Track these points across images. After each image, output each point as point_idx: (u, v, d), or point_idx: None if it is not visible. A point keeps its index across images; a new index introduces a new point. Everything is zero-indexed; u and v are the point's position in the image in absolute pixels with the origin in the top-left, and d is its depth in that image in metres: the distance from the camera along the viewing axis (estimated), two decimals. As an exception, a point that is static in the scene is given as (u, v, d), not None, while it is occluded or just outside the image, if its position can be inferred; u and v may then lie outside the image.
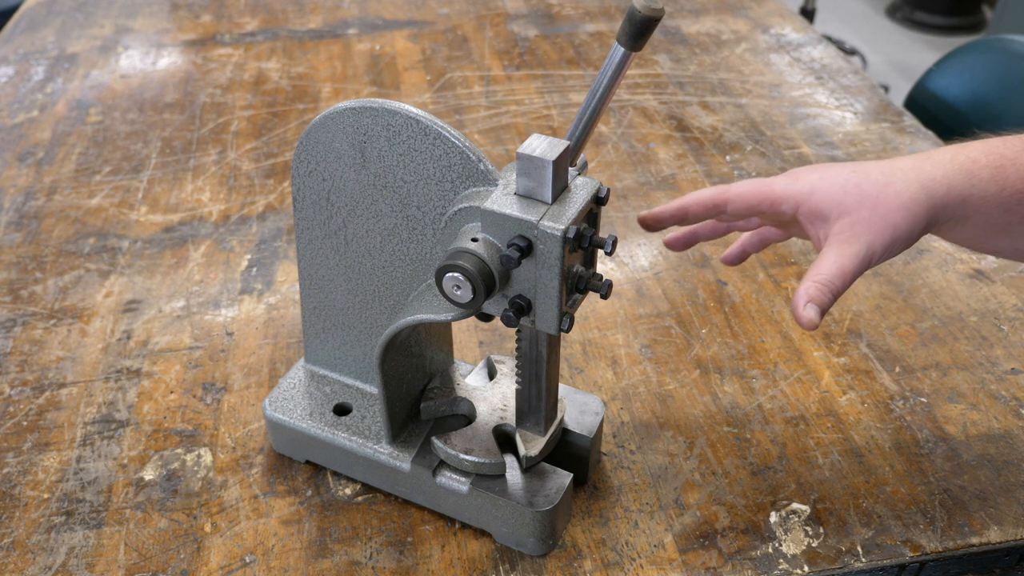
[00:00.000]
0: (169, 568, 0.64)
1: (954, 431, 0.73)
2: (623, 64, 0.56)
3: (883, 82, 3.03)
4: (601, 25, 1.42)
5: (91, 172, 1.08)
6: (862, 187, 0.59)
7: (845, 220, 0.59)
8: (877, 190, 0.58)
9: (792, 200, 0.61)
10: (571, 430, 0.67)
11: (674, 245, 0.71)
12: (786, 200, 0.61)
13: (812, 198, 0.60)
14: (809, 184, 0.61)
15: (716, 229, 0.71)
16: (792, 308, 0.58)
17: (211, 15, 1.47)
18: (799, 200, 0.61)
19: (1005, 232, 0.60)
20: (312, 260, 0.66)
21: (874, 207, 0.58)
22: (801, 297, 0.57)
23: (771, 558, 0.64)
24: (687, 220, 0.65)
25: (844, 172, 0.60)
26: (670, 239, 0.71)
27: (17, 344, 0.83)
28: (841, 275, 0.57)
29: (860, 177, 0.59)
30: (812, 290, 0.57)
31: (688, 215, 0.65)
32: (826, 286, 0.57)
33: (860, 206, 0.58)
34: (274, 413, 0.69)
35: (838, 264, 0.58)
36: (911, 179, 0.59)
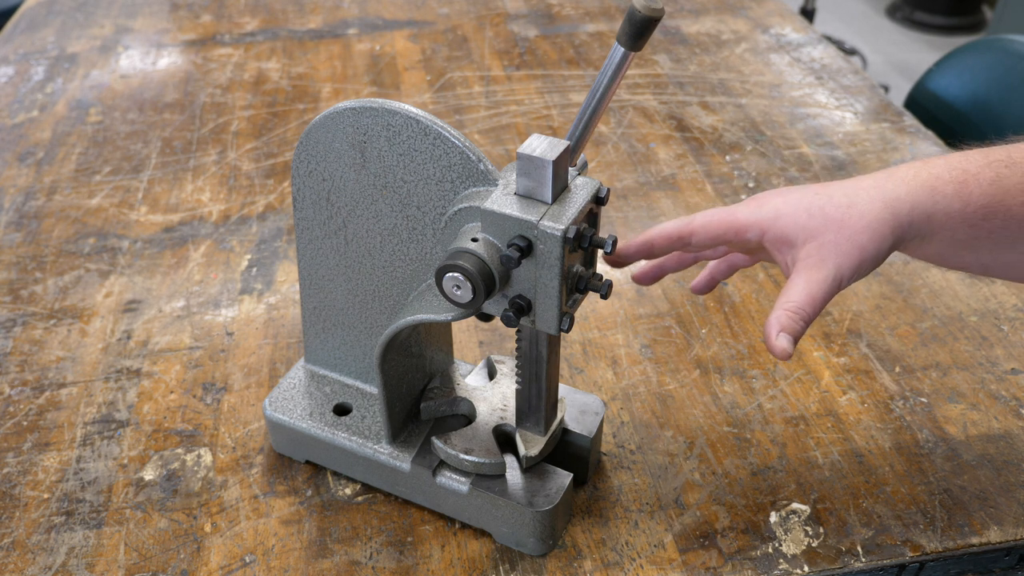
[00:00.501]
0: (169, 568, 0.64)
1: (954, 431, 0.73)
2: (623, 64, 0.56)
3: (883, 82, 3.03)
4: (601, 25, 1.42)
5: (91, 172, 1.08)
6: (826, 210, 0.58)
7: (811, 244, 0.58)
8: (841, 212, 0.58)
9: (757, 227, 0.61)
10: (571, 430, 0.67)
11: (642, 279, 0.70)
12: (751, 228, 0.61)
13: (776, 224, 0.60)
14: (773, 209, 0.60)
15: (683, 260, 0.70)
16: (764, 338, 0.57)
17: (211, 15, 1.47)
18: (764, 227, 0.60)
19: (971, 247, 0.60)
20: (312, 260, 0.66)
21: (839, 229, 0.58)
22: (773, 327, 0.57)
23: (771, 558, 0.64)
24: (653, 254, 0.65)
25: (807, 195, 0.60)
26: (637, 274, 0.69)
27: (17, 344, 0.83)
28: (811, 301, 0.57)
29: (823, 200, 0.59)
30: (784, 319, 0.57)
31: (654, 249, 0.64)
32: (797, 313, 0.57)
33: (825, 229, 0.58)
34: (274, 413, 0.69)
35: (807, 290, 0.57)
36: (875, 198, 0.58)
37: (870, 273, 0.60)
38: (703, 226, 0.62)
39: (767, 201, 0.61)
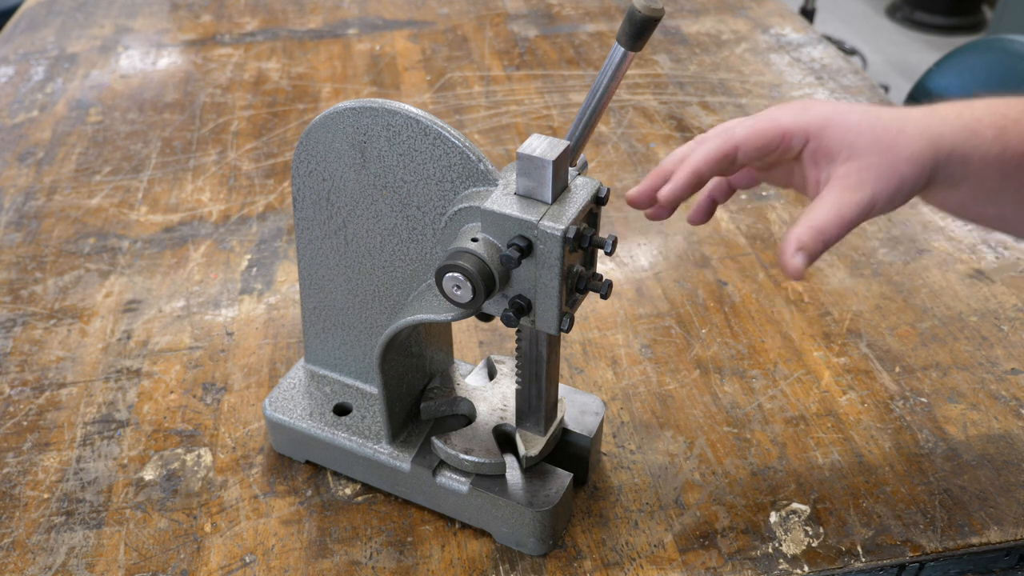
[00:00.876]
0: (169, 568, 0.64)
1: (954, 431, 0.73)
2: (623, 64, 0.56)
3: (883, 82, 3.04)
4: (601, 25, 1.42)
5: (91, 172, 1.08)
6: (876, 130, 0.54)
7: (853, 163, 0.54)
8: (890, 137, 0.54)
9: (803, 134, 0.56)
10: (571, 430, 0.67)
11: (699, 218, 0.64)
12: (796, 134, 0.56)
13: (823, 133, 0.55)
14: (822, 118, 0.56)
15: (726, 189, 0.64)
16: (778, 253, 0.54)
17: (211, 15, 1.47)
18: (810, 134, 0.56)
19: (996, 198, 0.57)
20: (312, 260, 0.66)
21: (885, 153, 0.54)
22: (791, 243, 0.53)
23: (771, 558, 0.64)
24: (701, 183, 0.58)
25: (856, 111, 0.56)
26: (693, 215, 0.65)
27: (17, 344, 0.83)
28: (839, 223, 0.53)
29: (873, 119, 0.55)
30: (805, 236, 0.53)
31: (702, 177, 0.58)
32: (821, 233, 0.53)
33: (871, 150, 0.54)
34: (274, 413, 0.69)
35: (837, 211, 0.53)
36: (922, 131, 0.55)
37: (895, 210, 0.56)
38: (747, 138, 0.57)
39: (812, 108, 0.57)
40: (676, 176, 0.58)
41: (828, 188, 0.55)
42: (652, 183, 0.61)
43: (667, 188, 0.59)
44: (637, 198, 0.61)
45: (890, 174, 0.54)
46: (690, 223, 0.67)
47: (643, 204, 0.62)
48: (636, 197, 0.61)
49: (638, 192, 0.61)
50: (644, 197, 0.61)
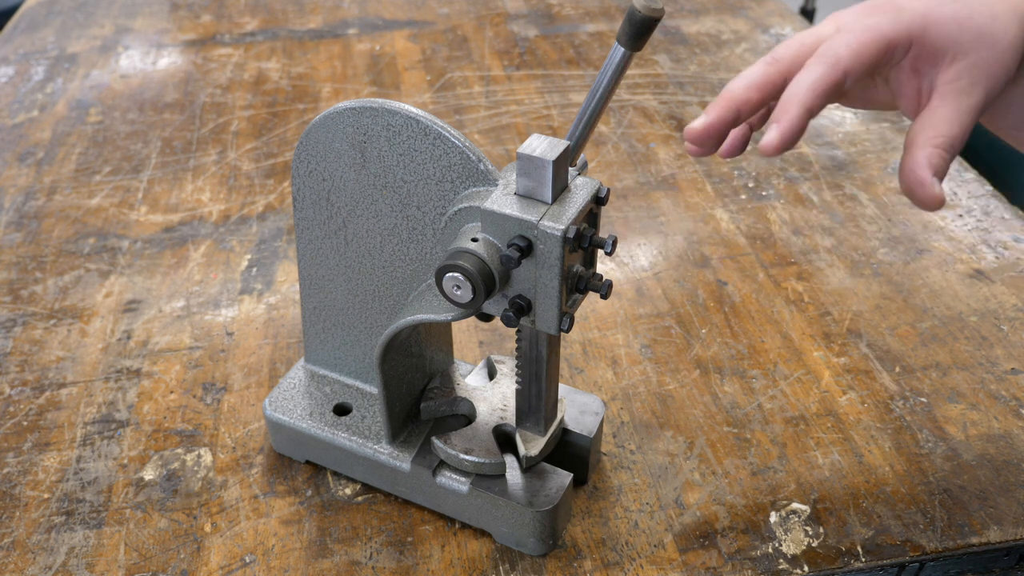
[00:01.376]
0: (169, 568, 0.64)
1: (954, 431, 0.73)
2: (623, 64, 0.56)
3: (883, 82, 3.03)
4: (601, 25, 1.42)
5: (91, 172, 1.08)
6: (976, 20, 0.49)
7: (962, 63, 0.49)
8: (989, 24, 0.49)
9: (906, 40, 0.50)
10: (571, 430, 0.67)
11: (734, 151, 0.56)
12: (901, 42, 0.50)
13: (927, 34, 0.50)
14: (920, 16, 0.50)
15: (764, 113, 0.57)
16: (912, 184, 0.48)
17: (211, 15, 1.47)
18: (912, 37, 0.50)
19: None
20: (312, 260, 0.66)
21: (991, 47, 0.49)
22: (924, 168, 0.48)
23: (771, 558, 0.64)
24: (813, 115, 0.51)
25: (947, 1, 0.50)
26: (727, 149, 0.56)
27: (17, 344, 0.83)
28: (963, 133, 0.48)
29: (967, 8, 0.50)
30: (935, 157, 0.48)
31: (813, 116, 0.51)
32: (949, 149, 0.48)
33: (978, 45, 0.49)
34: (274, 413, 0.69)
35: (959, 120, 0.48)
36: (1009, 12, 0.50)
37: None
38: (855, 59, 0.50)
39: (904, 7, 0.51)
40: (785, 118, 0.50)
41: (939, 96, 0.50)
42: (721, 114, 0.52)
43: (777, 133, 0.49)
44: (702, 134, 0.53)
45: (999, 68, 0.49)
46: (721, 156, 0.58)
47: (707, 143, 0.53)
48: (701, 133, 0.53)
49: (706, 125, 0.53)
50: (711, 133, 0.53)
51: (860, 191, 1.02)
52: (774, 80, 0.52)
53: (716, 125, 0.52)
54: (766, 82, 0.52)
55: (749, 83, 0.52)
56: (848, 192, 1.01)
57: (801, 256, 0.92)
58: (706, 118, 0.52)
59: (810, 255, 0.92)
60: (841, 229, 0.96)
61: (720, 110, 0.52)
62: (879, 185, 1.03)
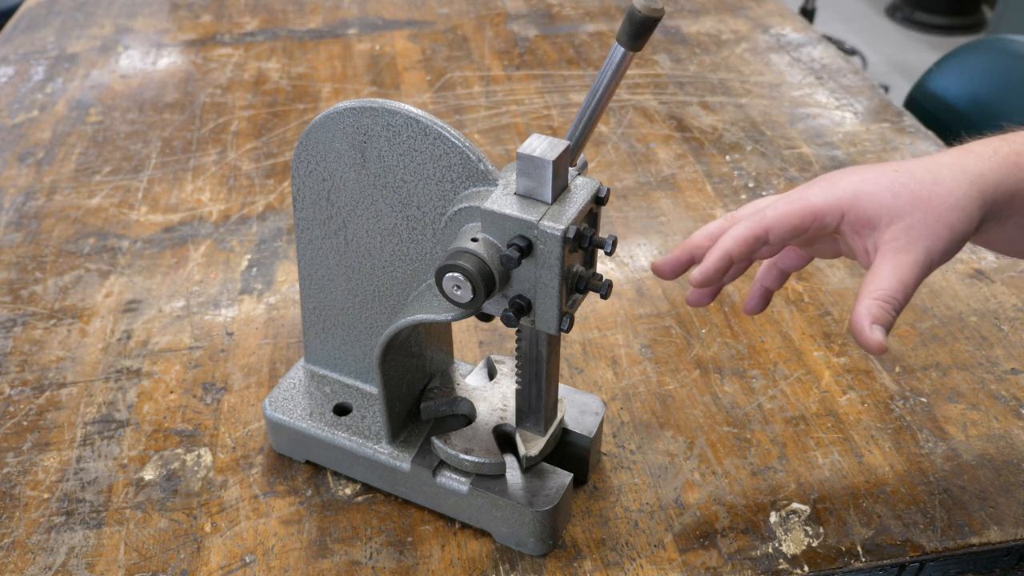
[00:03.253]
0: (169, 568, 0.64)
1: (954, 431, 0.73)
2: (623, 64, 0.56)
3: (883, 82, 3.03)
4: (601, 25, 1.42)
5: (91, 172, 1.08)
6: (911, 187, 0.54)
7: (898, 226, 0.53)
8: (927, 190, 0.53)
9: (836, 210, 0.55)
10: (571, 430, 0.67)
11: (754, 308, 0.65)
12: (829, 212, 0.55)
13: (857, 205, 0.55)
14: (852, 189, 0.55)
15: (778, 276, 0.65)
16: (854, 332, 0.53)
17: (211, 15, 1.47)
18: (843, 208, 0.55)
19: None
20: (312, 260, 0.66)
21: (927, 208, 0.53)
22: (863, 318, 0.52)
23: (771, 558, 0.64)
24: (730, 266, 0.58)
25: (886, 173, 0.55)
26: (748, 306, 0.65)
27: (17, 344, 0.83)
28: (903, 288, 0.52)
29: (905, 177, 0.54)
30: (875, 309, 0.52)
31: (732, 259, 0.57)
32: (888, 303, 0.52)
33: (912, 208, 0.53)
34: (274, 413, 0.69)
35: (897, 276, 0.53)
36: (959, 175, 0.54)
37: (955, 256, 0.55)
38: (778, 220, 0.56)
39: (840, 181, 0.56)
40: (706, 259, 0.58)
41: (880, 255, 0.54)
42: (679, 256, 0.61)
43: (697, 271, 0.58)
44: (663, 268, 0.62)
45: (939, 227, 0.53)
46: (746, 312, 0.68)
47: (668, 274, 0.62)
48: (662, 267, 0.62)
49: (664, 262, 0.62)
50: (670, 268, 0.62)
51: (860, 191, 1.02)
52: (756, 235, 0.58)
53: (672, 262, 0.62)
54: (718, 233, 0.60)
55: (705, 233, 0.61)
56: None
57: (801, 256, 0.92)
58: (667, 257, 0.62)
59: (810, 255, 0.92)
60: (841, 229, 0.96)
61: (679, 252, 0.61)
62: (879, 185, 1.03)
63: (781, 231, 0.56)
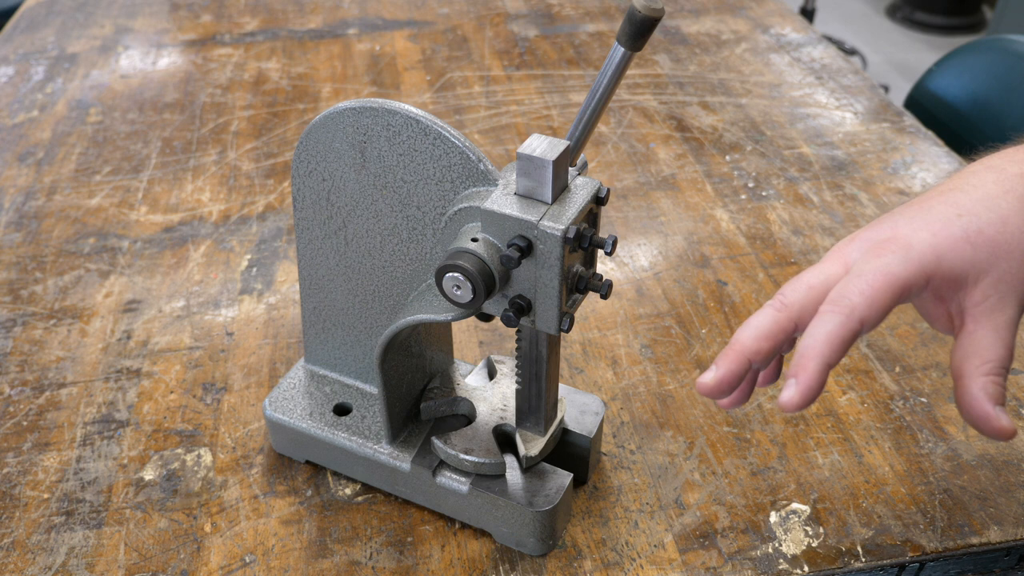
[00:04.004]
0: (169, 568, 0.64)
1: (954, 431, 0.73)
2: (623, 64, 0.56)
3: (883, 82, 3.04)
4: (601, 25, 1.42)
5: (91, 172, 1.08)
6: (985, 234, 0.48)
7: (985, 283, 0.48)
8: (998, 233, 0.48)
9: (922, 278, 0.48)
10: (571, 430, 0.67)
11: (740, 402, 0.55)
12: (916, 283, 0.48)
13: (941, 268, 0.48)
14: (931, 251, 0.48)
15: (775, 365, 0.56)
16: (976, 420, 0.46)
17: (211, 15, 1.47)
18: (928, 274, 0.48)
19: None
20: (312, 260, 0.66)
21: (1009, 257, 0.48)
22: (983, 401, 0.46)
23: (771, 558, 0.64)
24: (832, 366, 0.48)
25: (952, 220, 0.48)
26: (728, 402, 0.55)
27: (17, 344, 0.83)
28: (1009, 353, 0.47)
29: (974, 221, 0.48)
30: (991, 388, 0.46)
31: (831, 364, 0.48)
32: (1000, 375, 0.47)
33: (995, 259, 0.48)
34: (274, 413, 0.69)
35: (1001, 341, 0.47)
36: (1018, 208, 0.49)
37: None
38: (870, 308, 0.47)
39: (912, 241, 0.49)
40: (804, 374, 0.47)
41: (972, 319, 0.49)
42: (734, 368, 0.49)
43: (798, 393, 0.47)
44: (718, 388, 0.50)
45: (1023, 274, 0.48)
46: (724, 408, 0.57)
47: (724, 394, 0.51)
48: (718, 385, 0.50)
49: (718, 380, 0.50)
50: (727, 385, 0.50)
51: (860, 191, 1.02)
52: (784, 327, 0.50)
53: (727, 379, 0.50)
54: (776, 330, 0.50)
55: (759, 333, 0.50)
56: (848, 192, 1.01)
57: (801, 256, 0.92)
58: (716, 371, 0.50)
59: (810, 255, 0.92)
60: (841, 229, 0.96)
61: (731, 363, 0.49)
62: (879, 185, 1.03)
63: (875, 319, 0.48)
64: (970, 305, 0.49)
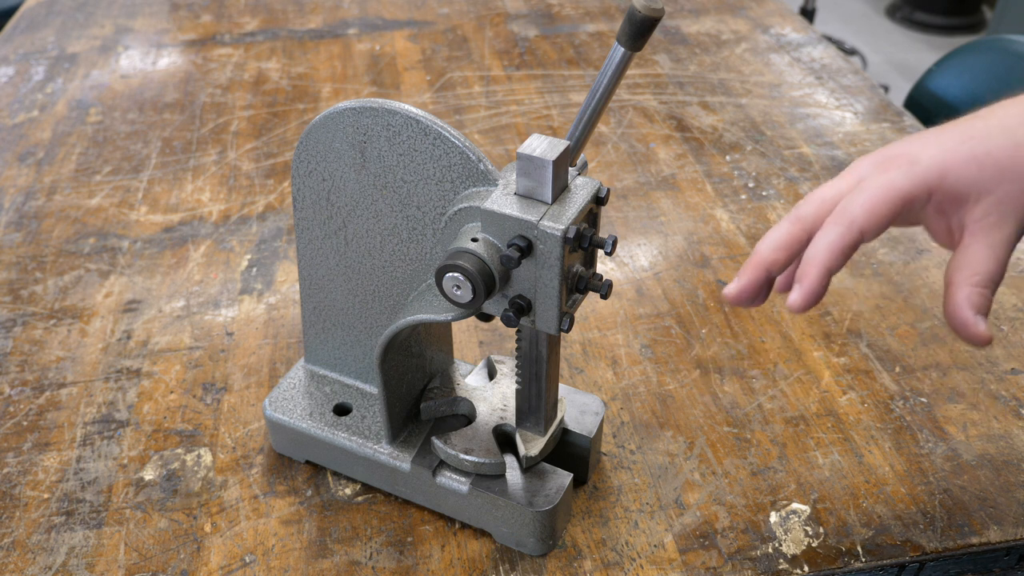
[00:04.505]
0: (169, 568, 0.64)
1: (954, 431, 0.73)
2: (623, 64, 0.56)
3: (883, 82, 3.04)
4: (601, 25, 1.42)
5: (91, 172, 1.08)
6: (994, 156, 0.50)
7: (987, 201, 0.50)
8: (1008, 156, 0.50)
9: (924, 192, 0.51)
10: (571, 430, 0.67)
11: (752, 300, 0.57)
12: (918, 195, 0.51)
13: (945, 183, 0.50)
14: (936, 166, 0.51)
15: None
16: (957, 326, 0.49)
17: (211, 15, 1.47)
18: (931, 189, 0.51)
19: None
20: (312, 260, 0.66)
21: (1015, 179, 0.50)
22: (965, 308, 0.49)
23: (771, 558, 0.64)
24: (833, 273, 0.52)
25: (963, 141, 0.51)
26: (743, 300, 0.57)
27: (17, 344, 0.83)
28: (1000, 268, 0.49)
29: (985, 144, 0.50)
30: (975, 297, 0.49)
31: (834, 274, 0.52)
32: (987, 287, 0.49)
33: (1000, 180, 0.50)
34: (274, 413, 0.69)
35: (993, 256, 0.49)
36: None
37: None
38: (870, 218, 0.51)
39: (920, 156, 0.52)
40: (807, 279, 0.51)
41: (970, 233, 0.51)
42: (755, 277, 0.54)
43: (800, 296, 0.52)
44: (741, 296, 0.55)
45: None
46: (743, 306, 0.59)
47: (747, 302, 0.56)
48: (739, 295, 0.55)
49: (740, 289, 0.55)
50: (748, 295, 0.55)
51: (860, 191, 1.02)
52: (799, 238, 0.53)
53: (749, 287, 0.55)
54: (791, 241, 0.54)
55: (776, 244, 0.54)
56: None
57: (801, 256, 0.92)
58: (740, 282, 0.55)
59: (810, 255, 0.92)
60: (841, 229, 0.96)
61: (752, 273, 0.54)
62: (879, 185, 1.03)
63: (875, 230, 0.51)
64: (970, 221, 0.51)
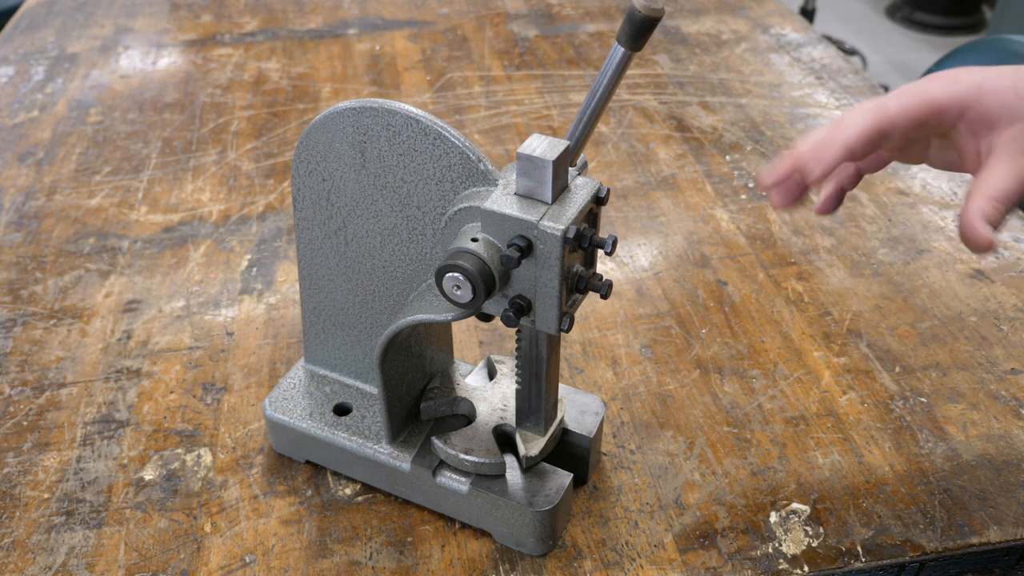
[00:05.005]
0: (169, 568, 0.64)
1: (954, 431, 0.73)
2: (623, 64, 0.56)
3: (883, 82, 3.04)
4: (601, 25, 1.42)
5: (91, 172, 1.08)
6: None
7: (1018, 127, 0.52)
8: None
9: (958, 105, 0.54)
10: (571, 430, 0.67)
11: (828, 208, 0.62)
12: (951, 106, 0.54)
13: (980, 102, 0.53)
14: (975, 85, 0.54)
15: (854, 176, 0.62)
16: (963, 228, 0.52)
17: (211, 15, 1.47)
18: (965, 104, 0.54)
19: None
20: (312, 260, 0.66)
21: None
22: (975, 214, 0.51)
23: (771, 558, 0.64)
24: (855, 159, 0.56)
25: (1007, 73, 0.54)
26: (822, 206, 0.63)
27: (17, 344, 0.83)
28: (1018, 188, 0.52)
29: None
30: (987, 207, 0.51)
31: (856, 154, 0.55)
32: (1000, 201, 0.51)
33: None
34: (274, 413, 0.69)
35: (1013, 176, 0.52)
36: None
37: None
38: (901, 112, 0.54)
39: (961, 76, 0.55)
40: (827, 153, 0.55)
41: (996, 156, 0.53)
42: (789, 167, 0.58)
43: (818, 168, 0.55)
44: (774, 181, 0.59)
45: None
46: (818, 214, 0.66)
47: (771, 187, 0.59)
48: (774, 180, 0.58)
49: (776, 176, 0.58)
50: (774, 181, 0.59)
51: (860, 191, 1.02)
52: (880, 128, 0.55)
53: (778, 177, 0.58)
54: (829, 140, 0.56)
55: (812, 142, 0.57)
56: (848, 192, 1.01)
57: (801, 256, 0.92)
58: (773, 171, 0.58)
59: (810, 255, 0.93)
60: (841, 229, 0.96)
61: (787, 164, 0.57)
62: (879, 185, 1.03)
63: (904, 125, 0.54)
64: (998, 144, 0.53)
